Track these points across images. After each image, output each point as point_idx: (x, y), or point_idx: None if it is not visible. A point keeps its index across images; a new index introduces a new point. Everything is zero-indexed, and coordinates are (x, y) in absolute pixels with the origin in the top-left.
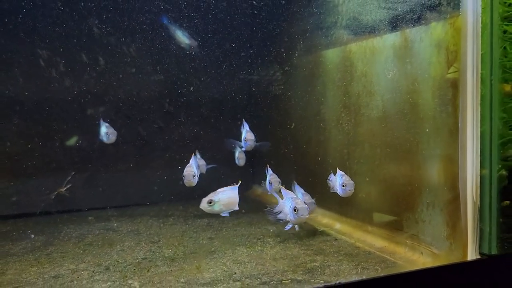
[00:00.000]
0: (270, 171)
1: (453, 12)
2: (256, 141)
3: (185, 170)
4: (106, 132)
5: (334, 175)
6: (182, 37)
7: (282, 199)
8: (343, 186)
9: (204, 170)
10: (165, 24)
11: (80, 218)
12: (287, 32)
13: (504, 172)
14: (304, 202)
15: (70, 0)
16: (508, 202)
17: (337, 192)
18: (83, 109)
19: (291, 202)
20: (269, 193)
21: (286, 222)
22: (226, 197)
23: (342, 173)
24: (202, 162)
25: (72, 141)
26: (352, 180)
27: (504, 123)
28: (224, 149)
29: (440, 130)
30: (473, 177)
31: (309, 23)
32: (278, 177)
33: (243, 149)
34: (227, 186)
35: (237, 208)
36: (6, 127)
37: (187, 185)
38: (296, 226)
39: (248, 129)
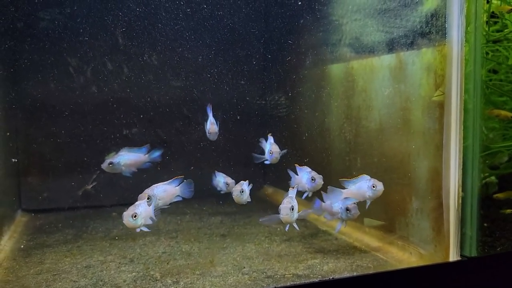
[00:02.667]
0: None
1: (441, 40)
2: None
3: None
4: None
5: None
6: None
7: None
8: (373, 186)
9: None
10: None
11: (104, 214)
12: (297, 46)
13: (494, 179)
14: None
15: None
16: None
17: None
18: (110, 113)
19: (308, 174)
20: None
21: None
22: (162, 190)
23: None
24: (230, 180)
25: (111, 155)
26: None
27: (496, 133)
28: (237, 150)
29: (428, 144)
30: (455, 187)
31: (316, 39)
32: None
33: (267, 162)
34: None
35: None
36: (39, 130)
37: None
38: (295, 225)
39: (273, 141)
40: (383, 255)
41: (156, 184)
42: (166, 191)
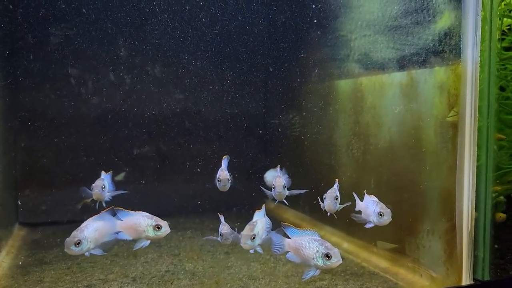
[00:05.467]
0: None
1: (455, 59)
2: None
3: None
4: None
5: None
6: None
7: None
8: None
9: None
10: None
11: None
12: (305, 60)
13: (502, 199)
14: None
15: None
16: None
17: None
18: (109, 126)
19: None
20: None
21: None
22: (93, 230)
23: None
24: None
25: (120, 176)
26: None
27: (503, 152)
28: (239, 165)
29: (440, 165)
30: (468, 208)
31: (324, 54)
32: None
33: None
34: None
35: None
36: (38, 143)
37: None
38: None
39: (278, 173)
40: (393, 277)
41: (85, 223)
42: (97, 230)
